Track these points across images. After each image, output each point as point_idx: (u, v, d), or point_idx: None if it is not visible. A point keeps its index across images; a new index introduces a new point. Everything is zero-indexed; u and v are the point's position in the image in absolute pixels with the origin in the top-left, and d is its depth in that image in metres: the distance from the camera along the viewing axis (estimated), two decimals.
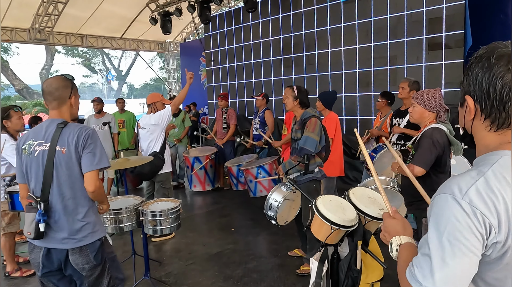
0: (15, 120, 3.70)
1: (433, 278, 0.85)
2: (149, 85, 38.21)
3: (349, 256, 1.68)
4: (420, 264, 0.89)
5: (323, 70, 6.95)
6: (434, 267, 0.85)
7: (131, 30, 12.38)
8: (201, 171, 6.19)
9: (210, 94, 9.59)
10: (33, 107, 18.91)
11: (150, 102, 4.44)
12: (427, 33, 5.55)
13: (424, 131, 2.58)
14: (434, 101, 2.56)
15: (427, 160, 2.47)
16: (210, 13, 8.69)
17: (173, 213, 3.08)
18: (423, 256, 0.89)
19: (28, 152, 1.99)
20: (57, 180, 1.95)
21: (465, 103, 0.97)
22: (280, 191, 3.36)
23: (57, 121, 2.02)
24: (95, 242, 2.04)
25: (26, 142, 2.02)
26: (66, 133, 1.96)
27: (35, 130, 2.06)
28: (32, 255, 2.06)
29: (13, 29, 10.56)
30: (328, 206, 1.75)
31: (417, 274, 0.89)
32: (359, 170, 5.97)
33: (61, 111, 2.06)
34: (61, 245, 1.98)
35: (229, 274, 3.58)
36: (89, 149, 1.97)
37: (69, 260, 1.99)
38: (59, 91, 2.03)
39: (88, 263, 2.00)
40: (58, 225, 1.98)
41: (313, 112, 3.44)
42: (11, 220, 3.65)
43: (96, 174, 1.99)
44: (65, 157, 1.95)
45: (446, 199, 0.87)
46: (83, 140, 1.96)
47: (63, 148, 1.95)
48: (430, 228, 0.89)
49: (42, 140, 1.98)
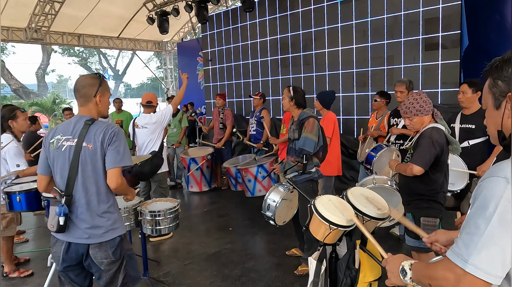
0: (21, 121, 3.68)
1: (480, 255, 0.87)
2: (146, 84, 38.14)
3: (348, 256, 1.70)
4: (465, 242, 0.91)
5: (320, 70, 6.97)
6: (482, 245, 0.87)
7: (128, 29, 12.35)
8: (197, 172, 6.20)
9: (208, 93, 9.59)
10: (29, 107, 18.80)
11: (146, 100, 4.46)
12: (423, 33, 5.58)
13: (423, 131, 2.60)
14: (426, 104, 2.58)
15: (426, 160, 2.49)
16: (208, 13, 8.68)
17: (172, 213, 3.09)
18: (469, 235, 0.91)
19: (56, 147, 2.04)
20: (82, 175, 2.00)
21: (504, 104, 0.98)
22: (277, 191, 3.38)
23: (85, 118, 2.07)
24: (115, 238, 2.08)
25: (54, 136, 2.07)
26: (93, 130, 2.01)
27: (64, 125, 2.11)
28: (54, 249, 2.10)
29: (10, 28, 10.51)
30: (326, 206, 1.76)
31: (462, 252, 0.90)
32: (356, 169, 6.00)
33: (88, 108, 2.11)
34: (82, 240, 2.02)
35: (227, 273, 3.58)
36: (114, 146, 2.01)
37: (89, 253, 2.03)
38: (85, 89, 2.08)
39: (107, 258, 2.04)
40: (80, 220, 2.02)
41: (310, 112, 3.45)
42: (9, 223, 3.63)
43: (119, 171, 2.04)
44: (90, 153, 1.99)
45: (498, 182, 0.89)
46: (109, 137, 2.00)
47: (89, 144, 1.99)
48: (478, 209, 0.90)
49: (70, 136, 2.03)
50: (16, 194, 3.21)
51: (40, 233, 4.93)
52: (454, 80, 5.32)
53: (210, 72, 9.37)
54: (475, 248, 0.88)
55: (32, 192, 3.28)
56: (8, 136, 3.56)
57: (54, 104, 19.11)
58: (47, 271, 3.51)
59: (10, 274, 3.63)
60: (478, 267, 0.87)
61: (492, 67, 1.02)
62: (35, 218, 5.55)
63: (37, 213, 5.46)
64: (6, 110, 3.65)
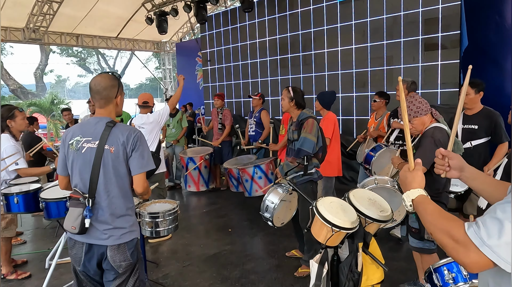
0: (19, 120, 3.68)
1: (499, 239, 0.90)
2: (145, 85, 38.06)
3: (350, 258, 1.68)
4: (487, 224, 0.94)
5: (319, 70, 6.95)
6: (503, 231, 0.90)
7: (126, 29, 12.32)
8: (195, 171, 6.17)
9: (206, 94, 9.56)
10: (27, 107, 18.72)
11: (142, 101, 4.46)
12: (423, 33, 5.57)
13: (425, 131, 2.59)
14: (422, 104, 2.58)
15: (428, 159, 2.47)
16: (207, 13, 8.66)
17: (171, 215, 3.06)
18: (492, 218, 0.94)
19: (75, 148, 2.01)
20: (103, 178, 1.99)
21: None
22: (276, 193, 3.36)
23: (106, 120, 2.05)
24: (133, 240, 2.09)
25: (73, 137, 2.04)
26: (115, 133, 2.00)
27: (83, 126, 2.09)
28: (73, 251, 2.09)
29: (8, 28, 10.47)
30: (328, 208, 1.74)
31: (481, 232, 0.93)
32: (356, 170, 5.98)
33: (108, 110, 2.10)
34: (101, 241, 2.02)
35: (226, 275, 3.56)
36: (138, 151, 2.01)
37: (107, 256, 2.02)
38: (107, 91, 2.05)
39: (125, 260, 2.04)
40: (100, 221, 2.02)
41: (309, 113, 3.43)
42: (8, 224, 3.60)
43: (144, 176, 2.04)
44: (112, 156, 1.98)
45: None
46: (132, 141, 2.00)
47: (111, 147, 1.98)
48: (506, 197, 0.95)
49: (91, 137, 2.01)
50: (14, 196, 3.19)
51: (38, 235, 4.90)
52: (454, 81, 5.31)
53: (209, 73, 9.34)
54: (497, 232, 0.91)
55: (30, 194, 3.25)
56: (6, 136, 3.54)
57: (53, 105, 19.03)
58: (45, 273, 3.49)
59: (8, 276, 3.59)
60: (494, 251, 0.91)
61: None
62: (32, 219, 5.51)
63: (35, 214, 5.43)
64: (4, 109, 3.64)
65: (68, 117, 6.92)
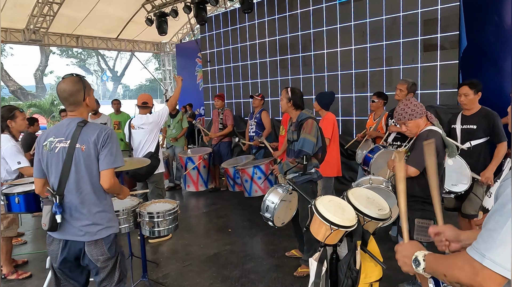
0: (19, 120, 3.69)
1: (497, 250, 0.89)
2: (145, 85, 38.08)
3: (349, 256, 1.69)
4: (484, 238, 0.93)
5: (319, 71, 6.97)
6: (501, 242, 0.89)
7: (126, 30, 12.34)
8: (194, 171, 6.17)
9: (206, 95, 9.58)
10: (27, 108, 18.75)
11: (142, 101, 4.49)
12: (422, 34, 5.59)
13: (420, 133, 2.61)
14: (417, 107, 2.60)
15: (421, 161, 2.48)
16: (206, 14, 8.67)
17: (171, 215, 3.07)
18: (488, 231, 0.93)
19: (49, 149, 2.08)
20: (75, 175, 2.04)
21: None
22: (276, 193, 3.37)
23: (77, 120, 2.11)
24: (110, 235, 2.15)
25: (47, 139, 2.10)
26: (86, 132, 2.06)
27: (56, 128, 2.15)
28: (51, 247, 2.16)
29: (8, 29, 10.49)
30: (327, 206, 1.76)
31: (481, 247, 0.92)
32: (355, 170, 6.00)
33: (79, 111, 2.16)
34: (78, 238, 2.08)
35: (226, 275, 3.57)
36: (108, 148, 2.06)
37: (85, 251, 2.09)
38: (74, 97, 2.11)
39: (102, 254, 2.10)
40: (75, 218, 2.07)
41: (309, 113, 3.44)
42: (10, 224, 3.61)
43: (111, 172, 2.09)
44: (84, 154, 2.03)
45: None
46: (102, 139, 2.05)
47: (82, 145, 2.03)
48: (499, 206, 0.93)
49: (63, 137, 2.07)
50: (15, 196, 3.18)
51: (38, 235, 4.91)
52: (453, 81, 5.33)
53: (209, 73, 9.36)
54: (494, 243, 0.90)
55: (31, 194, 3.24)
56: (6, 136, 3.55)
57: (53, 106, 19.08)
58: (45, 273, 3.48)
59: (9, 276, 3.60)
60: (495, 262, 0.89)
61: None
62: (33, 220, 5.52)
63: (35, 214, 5.44)
64: (4, 110, 3.65)
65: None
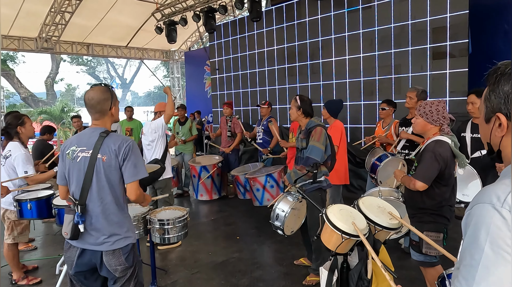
0: (28, 126, 3.71)
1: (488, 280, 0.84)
2: (153, 93, 38.44)
3: (360, 266, 1.68)
4: (464, 276, 0.88)
5: (327, 78, 6.98)
6: (479, 277, 0.85)
7: (136, 39, 12.51)
8: (208, 180, 6.21)
9: (215, 102, 9.64)
10: (38, 115, 19.01)
11: (157, 110, 4.59)
12: (431, 42, 5.58)
13: (427, 144, 2.53)
14: (437, 114, 2.50)
15: (429, 175, 2.43)
16: (215, 22, 8.77)
17: (181, 222, 3.09)
18: (466, 267, 0.89)
19: (71, 157, 2.11)
20: (97, 185, 2.06)
21: (494, 119, 0.97)
22: (286, 201, 3.36)
23: (100, 130, 2.13)
24: (127, 245, 2.15)
25: (70, 147, 2.14)
26: (107, 143, 2.07)
27: (79, 136, 2.19)
28: (67, 253, 2.17)
29: (21, 38, 10.70)
30: (338, 215, 1.76)
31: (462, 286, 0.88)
32: (364, 178, 5.97)
33: (103, 121, 2.19)
34: (96, 247, 2.09)
35: (234, 283, 3.56)
36: (130, 160, 2.07)
37: (103, 261, 2.09)
38: (101, 105, 2.14)
39: (120, 264, 2.10)
40: (94, 228, 2.09)
41: (318, 121, 3.44)
42: (23, 230, 3.66)
43: (137, 184, 2.12)
44: (105, 164, 2.05)
45: (485, 208, 0.87)
46: (124, 151, 2.07)
47: (104, 156, 2.05)
48: (470, 238, 0.89)
49: (85, 147, 2.10)
50: (27, 202, 3.24)
51: (48, 241, 4.96)
52: (462, 89, 5.30)
53: (217, 81, 9.43)
54: (474, 281, 0.86)
55: (43, 200, 3.31)
56: (16, 144, 3.55)
57: (63, 112, 19.31)
58: (55, 278, 3.53)
59: (19, 282, 3.64)
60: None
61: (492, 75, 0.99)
62: (43, 225, 5.58)
63: (45, 220, 5.49)
64: (13, 117, 3.66)
65: (77, 124, 7.01)
